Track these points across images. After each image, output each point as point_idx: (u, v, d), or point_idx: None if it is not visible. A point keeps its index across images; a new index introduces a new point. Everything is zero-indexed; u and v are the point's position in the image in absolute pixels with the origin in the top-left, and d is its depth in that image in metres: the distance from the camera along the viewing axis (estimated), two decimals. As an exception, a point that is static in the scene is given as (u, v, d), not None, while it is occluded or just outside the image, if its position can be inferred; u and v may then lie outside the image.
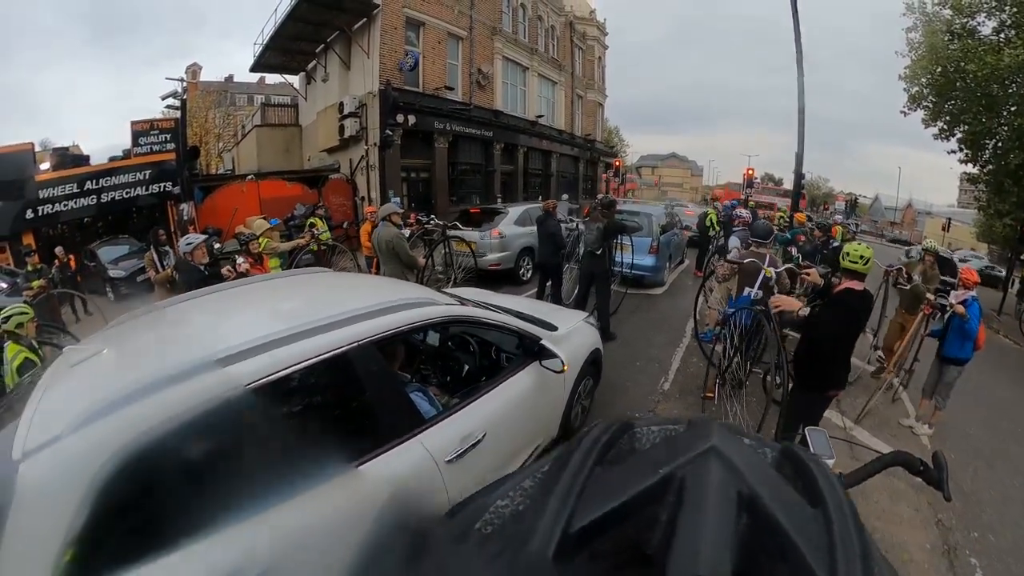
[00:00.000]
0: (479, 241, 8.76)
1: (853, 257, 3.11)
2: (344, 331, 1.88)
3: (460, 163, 17.11)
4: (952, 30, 11.79)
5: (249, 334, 1.73)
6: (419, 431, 2.01)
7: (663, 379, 5.19)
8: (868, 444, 4.26)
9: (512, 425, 2.56)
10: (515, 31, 19.13)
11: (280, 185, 13.61)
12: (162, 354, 1.70)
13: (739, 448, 0.48)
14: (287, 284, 2.69)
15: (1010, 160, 11.37)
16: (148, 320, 2.21)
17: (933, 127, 13.23)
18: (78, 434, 1.30)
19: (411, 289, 2.71)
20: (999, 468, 4.40)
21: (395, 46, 14.13)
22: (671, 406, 4.59)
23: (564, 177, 24.32)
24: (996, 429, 5.20)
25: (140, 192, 11.29)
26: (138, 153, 11.44)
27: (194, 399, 1.44)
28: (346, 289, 2.66)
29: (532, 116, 20.46)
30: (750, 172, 21.02)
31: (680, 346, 6.20)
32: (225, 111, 32.12)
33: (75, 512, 1.22)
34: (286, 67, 17.66)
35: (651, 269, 8.93)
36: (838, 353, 3.12)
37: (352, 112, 14.18)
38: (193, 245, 4.73)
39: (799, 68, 10.46)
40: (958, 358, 4.53)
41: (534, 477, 0.55)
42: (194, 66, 34.43)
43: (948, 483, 1.16)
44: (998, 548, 3.30)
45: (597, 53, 26.64)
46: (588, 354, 3.52)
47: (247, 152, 20.89)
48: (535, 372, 2.72)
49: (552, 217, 6.86)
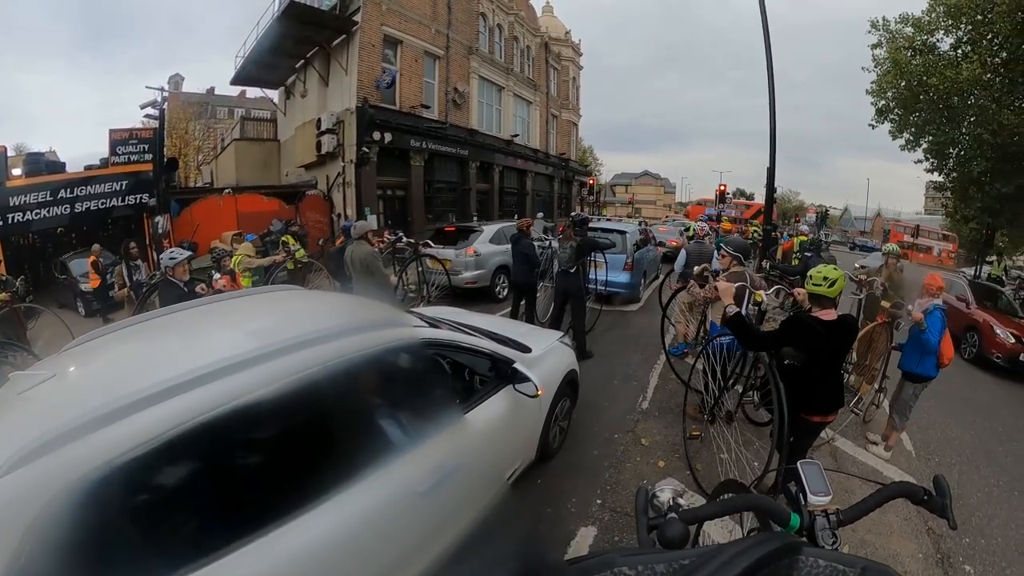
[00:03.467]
0: (454, 259, 8.74)
1: (816, 280, 2.87)
2: (308, 353, 1.77)
3: (436, 181, 17.16)
4: (914, 46, 12.51)
5: (205, 359, 1.61)
6: (389, 460, 1.91)
7: (641, 397, 5.16)
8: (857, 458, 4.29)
9: (487, 451, 2.49)
10: (491, 51, 19.45)
11: (257, 200, 13.39)
12: (112, 384, 1.57)
13: None
14: (254, 303, 2.59)
15: (973, 168, 12.05)
16: (103, 343, 2.08)
17: (900, 139, 13.89)
18: (15, 474, 1.18)
19: (383, 310, 2.63)
20: (984, 469, 4.46)
21: (373, 63, 14.22)
22: (651, 425, 4.55)
23: (539, 195, 24.60)
24: (978, 430, 5.31)
25: (116, 203, 10.89)
26: (116, 162, 11.08)
27: (142, 435, 1.33)
28: (312, 308, 2.54)
29: (507, 135, 20.70)
30: (722, 188, 21.57)
31: (657, 363, 6.21)
32: (205, 123, 31.64)
33: (7, 564, 1.10)
34: (266, 81, 17.57)
35: (626, 286, 9.00)
36: (818, 379, 2.92)
37: (329, 128, 14.15)
38: (176, 261, 4.60)
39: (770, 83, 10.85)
40: (914, 373, 4.15)
41: (670, 564, 0.50)
42: (176, 76, 34.14)
43: (952, 510, 1.12)
44: (990, 551, 3.33)
45: (572, 73, 27.27)
46: (564, 375, 3.48)
47: (225, 165, 20.57)
48: (509, 395, 2.65)
49: (526, 236, 6.87)
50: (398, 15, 14.84)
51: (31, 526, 1.14)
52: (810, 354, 2.87)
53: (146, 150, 11.27)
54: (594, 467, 3.75)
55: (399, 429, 2.19)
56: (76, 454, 1.24)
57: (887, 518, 3.41)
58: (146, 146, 11.30)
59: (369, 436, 1.96)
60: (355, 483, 1.78)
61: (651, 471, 3.81)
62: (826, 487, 1.16)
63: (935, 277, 4.39)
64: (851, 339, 3.13)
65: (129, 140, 11.20)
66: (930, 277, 4.39)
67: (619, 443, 4.18)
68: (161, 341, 2.04)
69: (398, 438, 2.09)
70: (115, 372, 1.77)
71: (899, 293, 5.20)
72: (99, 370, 1.84)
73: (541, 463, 3.43)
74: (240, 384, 1.56)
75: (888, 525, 3.37)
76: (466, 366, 2.93)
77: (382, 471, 1.88)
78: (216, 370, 1.55)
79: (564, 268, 5.98)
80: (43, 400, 1.55)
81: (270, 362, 1.67)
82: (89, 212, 10.61)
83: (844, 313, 3.04)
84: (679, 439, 4.20)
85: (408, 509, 1.91)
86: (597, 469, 3.73)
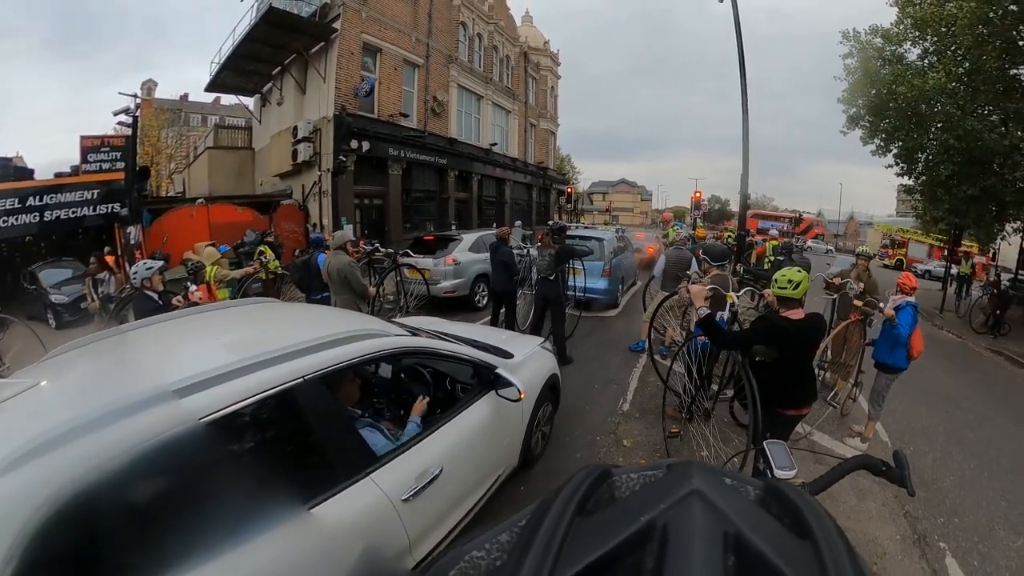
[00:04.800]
0: (433, 268, 8.72)
1: (781, 283, 3.01)
2: (288, 366, 1.78)
3: (414, 190, 17.12)
4: (883, 56, 13.03)
5: (188, 370, 1.62)
6: (371, 469, 1.92)
7: (622, 400, 5.24)
8: (832, 450, 4.43)
9: (470, 457, 2.50)
10: (471, 60, 19.59)
11: (231, 210, 13.09)
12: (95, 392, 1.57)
13: (721, 488, 0.48)
14: (231, 315, 2.57)
15: (940, 172, 12.53)
16: (83, 353, 2.07)
17: (871, 144, 14.38)
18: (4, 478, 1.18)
19: (361, 320, 2.62)
20: (955, 454, 4.70)
21: (351, 71, 14.16)
22: (632, 427, 4.62)
23: (518, 204, 24.74)
24: (948, 417, 5.57)
25: (87, 212, 10.49)
26: (87, 170, 10.71)
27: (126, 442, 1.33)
28: (292, 320, 2.54)
29: (486, 144, 20.81)
30: (698, 195, 22.07)
31: (637, 366, 6.31)
32: (178, 131, 30.90)
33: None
34: (242, 88, 17.28)
35: (604, 292, 9.12)
36: (791, 375, 3.04)
37: (306, 137, 14.02)
38: (152, 271, 4.46)
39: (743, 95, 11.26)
40: (886, 364, 4.45)
41: (511, 530, 0.52)
42: (149, 82, 33.29)
43: (911, 480, 1.20)
44: (963, 529, 3.53)
45: (550, 83, 27.61)
46: (545, 380, 3.52)
47: (198, 174, 20.15)
48: (492, 401, 2.67)
49: (505, 244, 6.91)
50: (378, 23, 14.84)
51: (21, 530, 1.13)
52: (780, 351, 3.00)
53: (118, 158, 10.92)
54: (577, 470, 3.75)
55: (382, 436, 2.20)
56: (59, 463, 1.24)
57: (865, 505, 3.57)
58: (118, 154, 10.95)
59: (350, 445, 1.96)
60: (337, 491, 1.79)
61: None
62: (791, 462, 1.21)
63: (909, 276, 4.67)
64: (819, 336, 3.26)
65: (101, 148, 10.85)
66: (904, 276, 4.68)
67: (601, 445, 4.23)
68: (141, 353, 2.03)
69: (381, 445, 2.09)
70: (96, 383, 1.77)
71: (871, 292, 5.44)
72: (81, 380, 1.84)
73: (524, 469, 3.44)
74: (219, 396, 1.58)
75: (867, 511, 3.51)
76: (447, 374, 2.94)
77: (365, 479, 1.89)
78: (196, 383, 1.56)
79: (543, 275, 6.04)
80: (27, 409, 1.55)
81: (249, 375, 1.67)
82: (59, 221, 10.21)
83: (811, 312, 3.18)
84: (660, 439, 4.26)
85: (391, 516, 1.92)
86: None
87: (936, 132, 12.62)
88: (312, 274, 6.53)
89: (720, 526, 0.42)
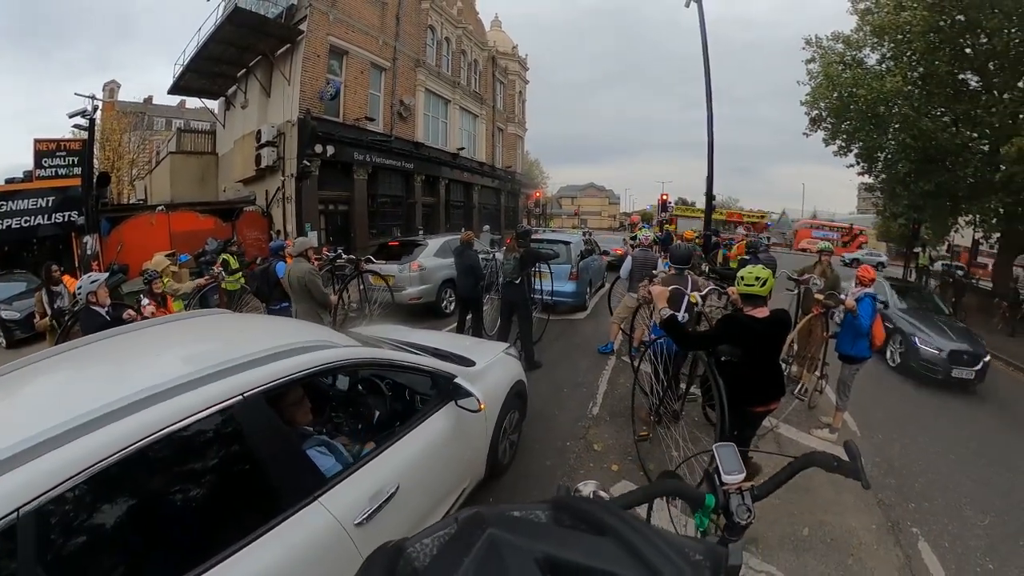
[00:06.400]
0: (398, 274, 8.51)
1: (748, 280, 3.00)
2: (223, 384, 1.63)
3: (380, 195, 16.81)
4: (844, 61, 13.66)
5: (98, 399, 1.46)
6: (320, 492, 1.78)
7: (592, 403, 5.19)
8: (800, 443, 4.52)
9: (430, 473, 2.38)
10: (438, 64, 19.43)
11: (192, 218, 12.52)
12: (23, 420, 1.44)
13: (514, 523, 0.51)
14: (174, 329, 2.41)
15: (899, 169, 13.25)
16: (15, 379, 1.89)
17: (833, 145, 14.99)
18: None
19: (311, 331, 2.48)
20: (921, 440, 4.91)
21: (317, 74, 13.85)
22: (602, 431, 4.58)
23: (486, 208, 24.67)
24: (914, 404, 5.79)
25: (41, 221, 9.86)
26: (41, 176, 10.05)
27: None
28: (237, 333, 2.38)
29: (453, 148, 20.67)
30: (665, 197, 22.46)
31: (606, 368, 6.29)
32: (142, 135, 29.52)
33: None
34: (206, 91, 16.63)
35: (572, 295, 9.12)
36: (758, 373, 3.05)
37: (270, 141, 13.58)
38: (98, 283, 4.16)
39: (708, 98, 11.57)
40: (850, 355, 4.57)
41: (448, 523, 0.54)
42: (112, 84, 31.73)
43: (864, 471, 1.17)
44: (932, 512, 3.67)
45: (518, 87, 27.69)
46: (511, 387, 3.42)
47: (160, 180, 19.24)
48: (452, 412, 2.55)
49: (470, 248, 6.82)
50: (345, 25, 14.55)
51: None
52: (746, 349, 3.01)
53: (75, 163, 10.29)
54: (547, 478, 3.71)
55: (334, 456, 2.07)
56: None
57: (842, 498, 3.63)
58: (75, 159, 10.32)
59: (296, 467, 1.81)
60: (281, 519, 1.64)
61: (605, 476, 3.82)
62: (739, 466, 1.18)
63: (867, 269, 4.91)
64: (785, 332, 3.31)
65: (56, 152, 10.19)
66: (863, 269, 4.91)
67: (571, 451, 4.17)
68: (77, 373, 1.90)
69: (329, 466, 1.96)
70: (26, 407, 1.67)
71: (832, 287, 5.69)
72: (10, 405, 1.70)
73: (492, 480, 3.33)
74: (157, 417, 1.45)
75: (843, 504, 3.58)
76: (406, 386, 2.82)
77: (313, 503, 1.75)
78: (130, 404, 1.45)
79: (509, 279, 5.96)
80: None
81: (175, 397, 1.52)
82: (11, 230, 9.59)
83: (777, 308, 3.21)
84: (631, 442, 4.25)
85: (344, 542, 1.79)
86: (550, 480, 3.68)
87: (894, 132, 13.28)
88: (271, 283, 6.28)
89: (528, 556, 0.44)
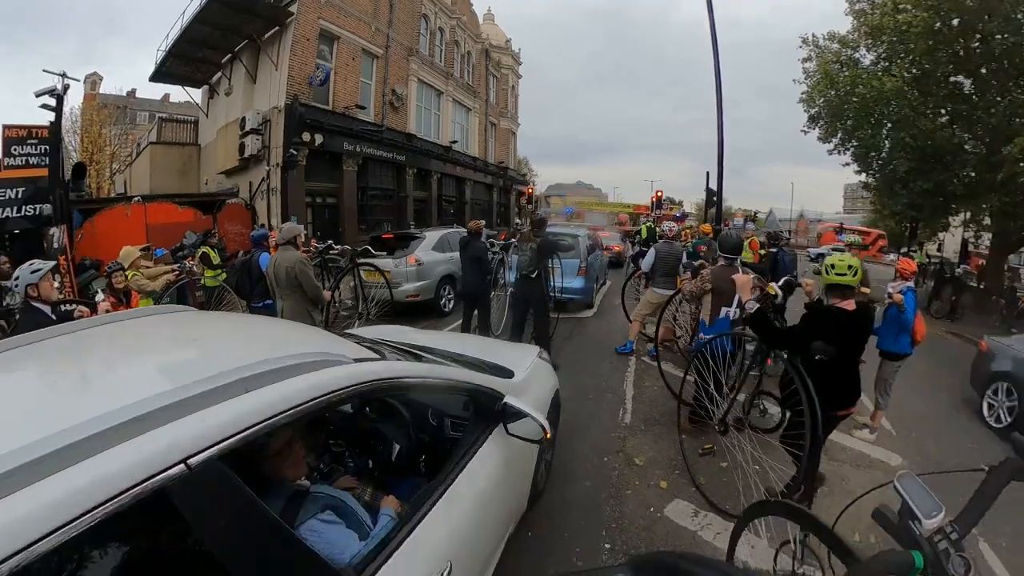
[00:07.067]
0: (394, 270, 7.81)
1: (840, 269, 2.74)
2: (158, 439, 0.87)
3: (370, 188, 16.05)
4: (840, 60, 13.71)
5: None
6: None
7: (622, 411, 4.64)
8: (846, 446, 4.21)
9: (483, 530, 1.75)
10: (431, 54, 18.80)
11: (170, 209, 11.56)
12: None
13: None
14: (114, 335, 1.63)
15: (898, 168, 13.36)
16: None
17: (828, 144, 15.01)
18: None
19: (309, 337, 1.85)
20: (952, 436, 4.73)
21: (306, 58, 13.13)
22: (640, 442, 4.03)
23: (478, 204, 24.03)
24: (935, 400, 5.57)
25: (10, 214, 8.89)
26: (10, 165, 9.08)
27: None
28: (199, 341, 1.64)
29: (446, 141, 20.02)
30: (659, 194, 22.11)
31: (628, 370, 5.75)
32: (124, 129, 28.21)
33: None
34: (189, 78, 15.70)
35: (581, 291, 8.56)
36: (844, 372, 2.81)
37: (255, 128, 12.79)
38: (40, 274, 3.38)
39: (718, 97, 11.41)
40: (893, 352, 4.33)
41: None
42: (94, 76, 30.44)
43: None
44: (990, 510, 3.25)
45: (511, 82, 27.10)
46: (552, 399, 2.83)
47: (140, 173, 18.21)
48: (500, 443, 1.94)
49: (478, 239, 6.22)
50: (337, 9, 13.85)
51: None
52: (838, 346, 2.71)
53: (47, 151, 9.34)
54: (590, 502, 3.17)
55: (342, 521, 1.41)
56: None
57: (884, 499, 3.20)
58: (47, 147, 9.31)
59: (295, 567, 1.09)
60: None
61: (654, 495, 3.31)
62: (935, 502, 0.98)
63: (907, 262, 4.65)
64: (871, 327, 3.08)
65: (27, 139, 9.11)
66: (903, 262, 4.66)
67: (611, 467, 3.61)
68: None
69: (342, 543, 1.31)
70: None
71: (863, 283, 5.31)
72: None
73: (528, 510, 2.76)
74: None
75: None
76: (428, 405, 2.20)
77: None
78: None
79: (525, 273, 5.38)
80: None
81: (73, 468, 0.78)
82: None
83: (861, 301, 2.94)
84: (674, 453, 3.78)
85: None
86: (595, 504, 3.15)
87: (890, 131, 13.34)
88: (254, 278, 5.53)
89: None
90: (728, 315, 3.91)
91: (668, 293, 5.91)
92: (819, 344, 2.70)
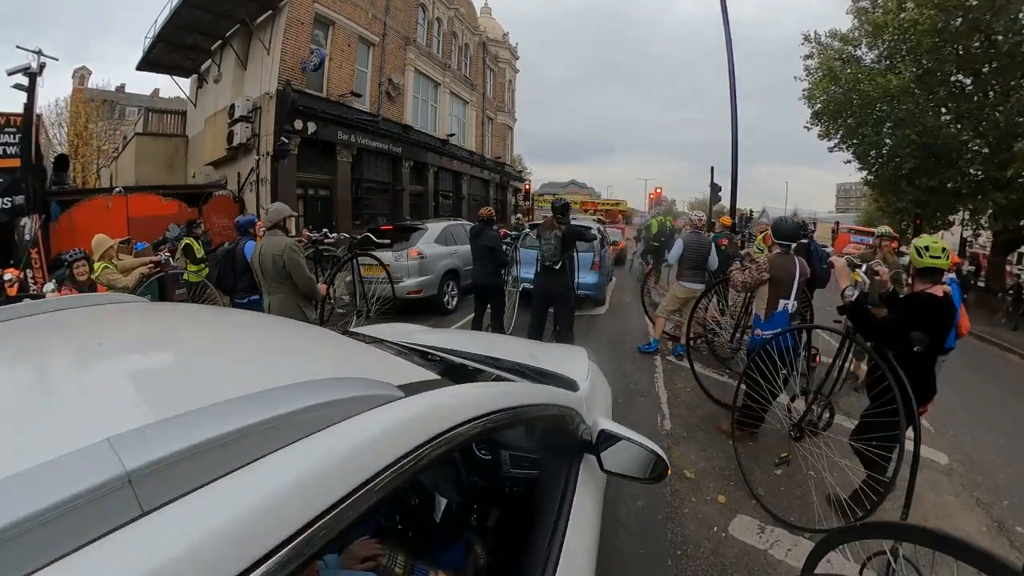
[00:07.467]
0: (393, 263, 7.25)
1: (934, 251, 2.59)
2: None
3: (365, 180, 15.39)
4: (843, 57, 13.74)
5: None
6: None
7: (659, 416, 4.20)
8: None
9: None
10: (429, 44, 18.24)
11: (154, 201, 10.84)
12: None
13: None
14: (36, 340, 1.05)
15: (904, 165, 13.36)
16: None
17: (829, 141, 15.01)
18: None
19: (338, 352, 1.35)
20: (989, 434, 4.51)
21: (300, 42, 12.49)
22: (686, 451, 3.62)
23: (475, 200, 23.42)
24: (964, 398, 5.30)
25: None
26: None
27: None
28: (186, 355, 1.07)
29: (443, 134, 19.46)
30: (658, 191, 21.87)
31: (656, 371, 5.32)
32: (111, 125, 27.22)
33: None
34: (178, 67, 14.90)
35: (594, 287, 8.11)
36: (930, 364, 2.71)
37: (244, 116, 12.08)
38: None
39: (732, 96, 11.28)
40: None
41: None
42: (82, 70, 29.57)
43: None
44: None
45: (508, 76, 26.60)
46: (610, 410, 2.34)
47: (125, 166, 17.34)
48: (585, 479, 1.44)
49: (490, 227, 5.74)
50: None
51: None
52: (934, 337, 2.52)
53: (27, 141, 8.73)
54: (648, 525, 2.78)
55: None
56: None
57: (944, 499, 3.26)
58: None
59: None
60: None
61: (714, 511, 2.93)
62: None
63: (951, 253, 4.15)
64: (954, 316, 2.85)
65: (5, 127, 8.51)
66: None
67: (662, 483, 3.14)
68: None
69: None
70: None
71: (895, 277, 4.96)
72: None
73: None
74: None
75: (947, 506, 3.19)
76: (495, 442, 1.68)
77: None
78: None
79: (548, 264, 4.90)
80: None
81: None
82: None
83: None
84: (726, 461, 3.42)
85: None
86: (653, 527, 2.76)
87: (892, 128, 13.30)
88: (239, 270, 4.86)
89: None
90: (787, 308, 3.48)
91: (696, 287, 5.48)
92: (917, 335, 2.42)
